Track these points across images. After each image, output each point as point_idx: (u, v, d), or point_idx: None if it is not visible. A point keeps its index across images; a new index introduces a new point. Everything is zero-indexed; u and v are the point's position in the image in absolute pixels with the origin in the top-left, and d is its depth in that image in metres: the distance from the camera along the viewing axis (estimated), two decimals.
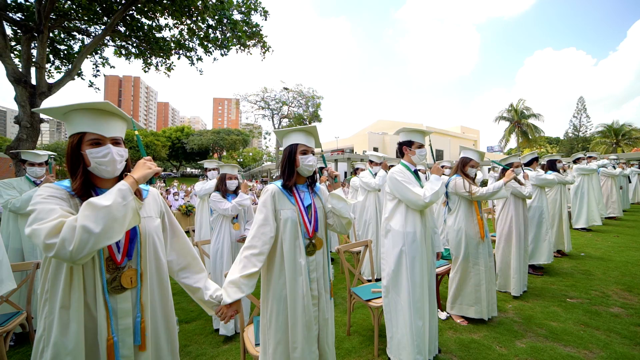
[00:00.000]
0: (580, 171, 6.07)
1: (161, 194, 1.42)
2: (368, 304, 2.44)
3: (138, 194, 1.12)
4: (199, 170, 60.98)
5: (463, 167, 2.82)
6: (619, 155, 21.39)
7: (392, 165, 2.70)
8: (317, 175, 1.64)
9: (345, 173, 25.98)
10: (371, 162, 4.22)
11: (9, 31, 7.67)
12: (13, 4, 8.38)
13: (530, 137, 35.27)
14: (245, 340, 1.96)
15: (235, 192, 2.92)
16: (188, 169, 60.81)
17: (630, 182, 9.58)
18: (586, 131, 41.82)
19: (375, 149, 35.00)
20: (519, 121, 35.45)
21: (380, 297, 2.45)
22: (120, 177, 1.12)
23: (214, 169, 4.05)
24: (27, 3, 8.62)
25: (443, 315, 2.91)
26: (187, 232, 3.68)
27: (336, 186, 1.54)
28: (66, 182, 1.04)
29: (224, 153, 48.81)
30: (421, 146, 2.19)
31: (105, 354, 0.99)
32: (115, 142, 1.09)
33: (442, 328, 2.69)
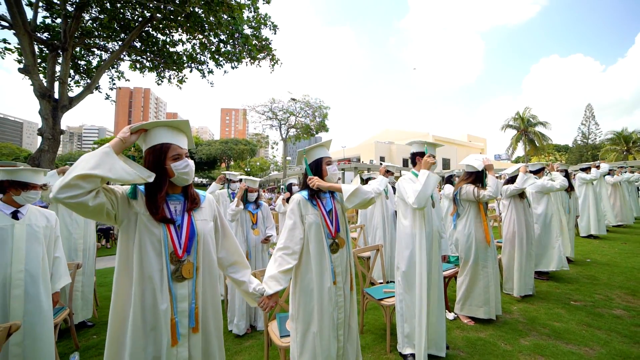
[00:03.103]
0: (581, 181, 6.20)
1: None
2: (380, 303, 2.63)
3: (197, 198, 1.37)
4: (207, 180, 61.89)
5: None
6: (628, 162, 21.14)
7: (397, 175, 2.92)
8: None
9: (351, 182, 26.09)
10: (387, 172, 4.41)
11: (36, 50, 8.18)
12: (41, 25, 8.97)
13: (537, 145, 35.04)
14: (271, 333, 2.17)
15: (256, 203, 3.19)
16: (196, 179, 61.77)
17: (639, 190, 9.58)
18: (595, 139, 41.39)
19: (382, 158, 35.17)
20: (525, 129, 35.31)
21: (392, 296, 2.64)
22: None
23: (238, 181, 4.17)
24: (54, 24, 9.21)
25: (451, 315, 3.07)
26: None
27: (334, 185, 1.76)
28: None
29: (232, 163, 49.52)
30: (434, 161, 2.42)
31: (169, 332, 1.20)
32: (187, 155, 1.33)
33: (450, 327, 2.85)
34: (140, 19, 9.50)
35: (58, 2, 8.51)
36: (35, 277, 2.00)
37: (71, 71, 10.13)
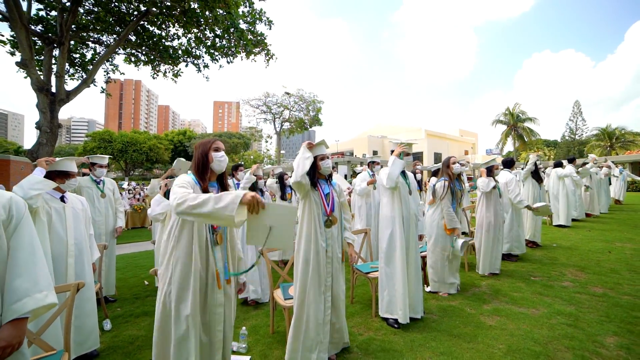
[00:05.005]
0: (557, 174, 6.82)
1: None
2: (367, 276, 3.12)
3: (227, 187, 1.81)
4: None
5: (447, 167, 3.48)
6: (609, 157, 22.12)
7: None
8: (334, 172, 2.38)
9: (346, 176, 26.71)
10: (370, 163, 4.91)
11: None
12: (35, 17, 8.96)
13: (526, 140, 36.03)
14: (276, 298, 2.65)
15: (261, 191, 3.64)
16: (189, 172, 61.49)
17: (610, 183, 10.32)
18: (582, 134, 42.65)
19: (375, 152, 35.75)
20: (515, 125, 36.23)
21: (377, 271, 3.13)
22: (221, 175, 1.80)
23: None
24: (48, 16, 9.23)
25: (428, 288, 3.59)
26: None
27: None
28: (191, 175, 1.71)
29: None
30: (407, 154, 2.89)
31: (215, 279, 1.65)
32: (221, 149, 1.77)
33: (427, 298, 3.37)
34: (136, 13, 9.61)
35: None
36: (81, 249, 2.43)
37: (66, 65, 10.20)
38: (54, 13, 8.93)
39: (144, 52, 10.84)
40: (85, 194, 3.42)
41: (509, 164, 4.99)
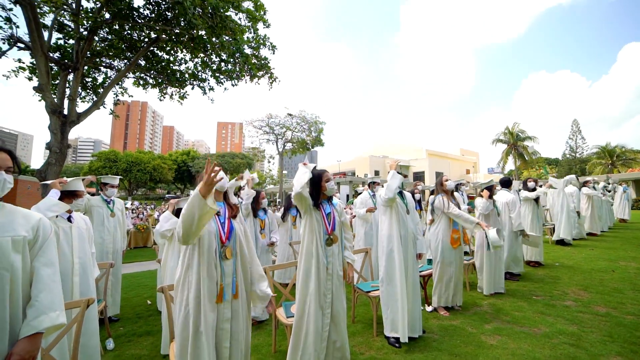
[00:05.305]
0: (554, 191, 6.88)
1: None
2: (368, 295, 3.15)
3: (234, 207, 1.91)
4: None
5: (441, 185, 3.61)
6: (611, 175, 22.14)
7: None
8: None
9: (348, 196, 26.75)
10: (371, 184, 5.02)
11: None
12: (54, 45, 9.51)
13: (527, 158, 36.19)
14: (278, 315, 2.68)
15: (264, 210, 3.74)
16: (192, 192, 61.89)
17: (612, 200, 10.32)
18: (582, 152, 42.85)
19: (377, 172, 35.95)
20: (515, 144, 36.54)
21: (377, 290, 3.16)
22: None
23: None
24: (66, 44, 9.80)
25: (429, 308, 3.59)
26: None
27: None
28: None
29: (228, 176, 49.92)
30: (405, 176, 3.02)
31: (220, 293, 1.71)
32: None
33: (428, 317, 3.37)
34: (146, 40, 10.15)
35: (72, 26, 9.15)
36: (85, 268, 2.50)
37: (78, 88, 10.63)
38: (71, 41, 9.51)
39: (152, 76, 11.31)
40: (95, 213, 3.54)
41: (507, 183, 5.09)
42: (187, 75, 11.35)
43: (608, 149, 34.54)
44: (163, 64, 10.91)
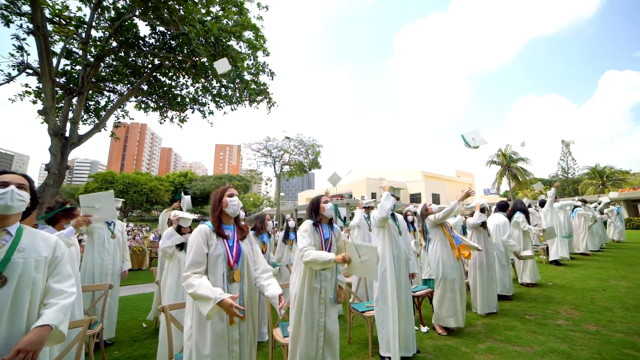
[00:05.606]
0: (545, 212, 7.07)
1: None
2: (363, 315, 3.21)
3: (244, 230, 2.01)
4: (199, 215, 61.33)
5: (426, 210, 3.79)
6: (602, 195, 22.50)
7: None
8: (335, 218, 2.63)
9: (345, 218, 26.75)
10: (366, 208, 5.13)
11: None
12: (62, 71, 9.87)
13: (520, 179, 36.70)
14: (276, 336, 2.73)
15: (268, 233, 3.86)
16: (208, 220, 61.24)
17: (604, 221, 10.50)
18: (574, 173, 43.62)
19: (374, 194, 36.14)
20: (508, 165, 37.18)
21: (372, 310, 3.22)
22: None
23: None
24: (72, 70, 10.17)
25: (424, 329, 3.63)
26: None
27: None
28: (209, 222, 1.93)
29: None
30: (397, 198, 3.19)
31: (227, 316, 1.76)
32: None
33: (423, 337, 3.41)
34: (150, 66, 10.57)
35: (80, 53, 9.56)
36: (78, 288, 2.57)
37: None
38: (78, 67, 9.89)
39: (154, 100, 11.63)
40: (96, 234, 3.63)
41: (503, 207, 5.20)
42: (187, 100, 11.69)
43: (597, 169, 35.28)
44: (165, 88, 11.28)
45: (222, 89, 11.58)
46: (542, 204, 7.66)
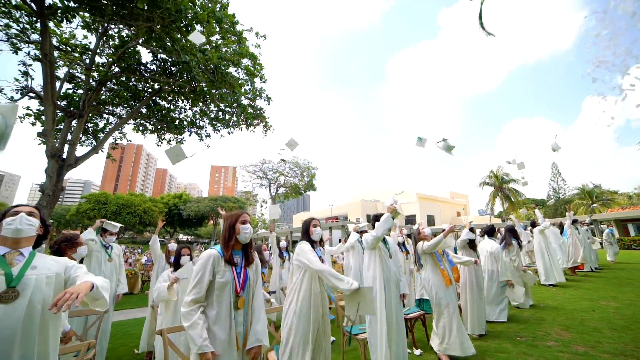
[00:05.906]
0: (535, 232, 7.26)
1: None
2: (355, 337, 3.25)
3: (251, 257, 2.05)
4: (193, 237, 60.16)
5: (419, 234, 3.92)
6: (594, 215, 22.87)
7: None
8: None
9: (340, 240, 26.56)
10: (360, 232, 5.25)
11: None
12: (63, 94, 10.11)
13: (513, 200, 37.21)
14: (270, 359, 2.76)
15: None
16: (181, 235, 60.19)
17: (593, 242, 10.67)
18: (565, 194, 44.44)
19: (369, 217, 36.18)
20: (500, 186, 37.82)
21: (365, 332, 3.26)
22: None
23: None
24: (74, 94, 10.43)
25: (417, 352, 3.66)
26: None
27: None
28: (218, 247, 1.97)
29: (220, 220, 49.27)
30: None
31: (235, 342, 1.82)
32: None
33: None
34: (150, 90, 10.88)
35: (82, 77, 9.86)
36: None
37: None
38: (79, 91, 10.16)
39: (152, 123, 11.87)
40: (94, 257, 3.67)
41: (490, 232, 5.23)
42: (185, 123, 11.93)
43: (587, 190, 36.04)
44: (163, 112, 11.53)
45: (220, 113, 11.89)
46: (533, 224, 7.86)
